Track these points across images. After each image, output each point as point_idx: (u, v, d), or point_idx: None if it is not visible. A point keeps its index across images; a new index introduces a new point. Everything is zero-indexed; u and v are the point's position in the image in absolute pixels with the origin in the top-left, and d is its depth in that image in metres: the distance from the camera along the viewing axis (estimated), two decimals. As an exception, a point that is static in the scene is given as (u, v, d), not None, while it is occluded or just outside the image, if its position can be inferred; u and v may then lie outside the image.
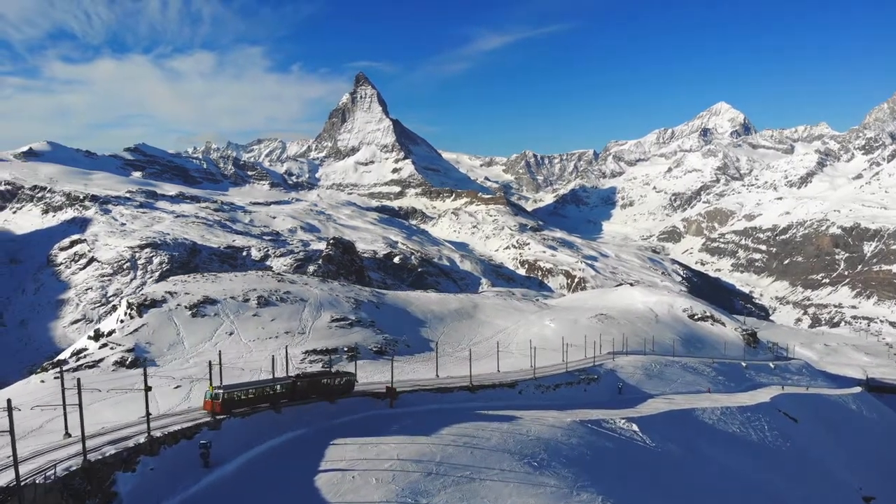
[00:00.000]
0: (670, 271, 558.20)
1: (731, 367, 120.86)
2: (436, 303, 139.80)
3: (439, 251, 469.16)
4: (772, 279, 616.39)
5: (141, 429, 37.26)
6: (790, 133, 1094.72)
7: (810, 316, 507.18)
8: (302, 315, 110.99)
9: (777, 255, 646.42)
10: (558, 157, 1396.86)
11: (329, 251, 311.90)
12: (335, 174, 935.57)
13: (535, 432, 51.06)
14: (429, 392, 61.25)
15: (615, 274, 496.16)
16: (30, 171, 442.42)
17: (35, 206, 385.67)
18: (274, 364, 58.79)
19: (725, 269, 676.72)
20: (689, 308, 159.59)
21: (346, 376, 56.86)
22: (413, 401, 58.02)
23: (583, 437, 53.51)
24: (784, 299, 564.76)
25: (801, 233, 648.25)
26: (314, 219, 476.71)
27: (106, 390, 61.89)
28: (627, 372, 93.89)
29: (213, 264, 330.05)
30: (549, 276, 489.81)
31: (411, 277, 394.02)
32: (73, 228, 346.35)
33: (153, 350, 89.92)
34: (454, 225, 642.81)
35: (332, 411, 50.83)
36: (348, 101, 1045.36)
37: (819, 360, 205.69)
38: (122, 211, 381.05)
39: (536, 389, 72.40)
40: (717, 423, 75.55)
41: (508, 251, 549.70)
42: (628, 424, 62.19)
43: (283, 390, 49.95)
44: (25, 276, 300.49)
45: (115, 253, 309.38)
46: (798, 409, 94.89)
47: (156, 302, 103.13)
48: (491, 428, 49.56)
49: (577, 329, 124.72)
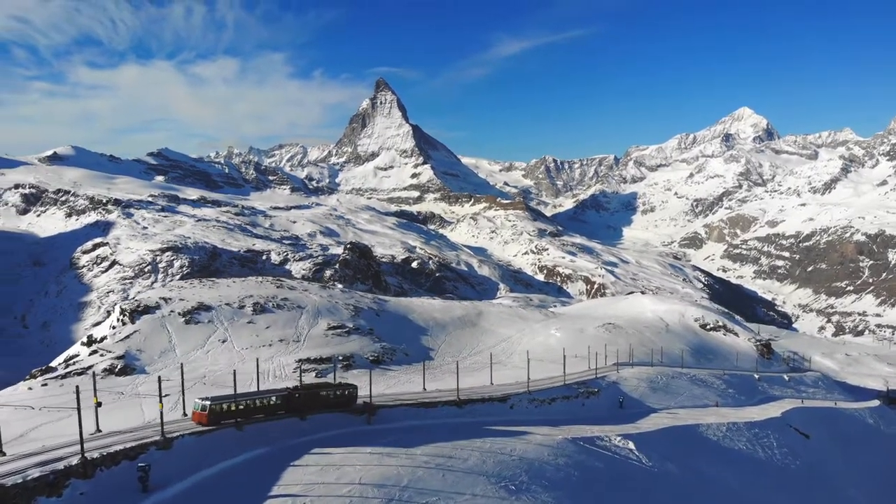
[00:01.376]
0: (691, 278, 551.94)
1: (742, 380, 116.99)
2: (439, 310, 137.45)
3: (457, 256, 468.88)
4: (795, 286, 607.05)
5: (93, 445, 35.79)
6: (814, 138, 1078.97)
7: (834, 324, 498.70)
8: (298, 322, 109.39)
9: (800, 262, 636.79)
10: (578, 162, 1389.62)
11: (346, 255, 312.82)
12: (355, 179, 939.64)
13: (520, 451, 48.80)
14: (411, 407, 58.71)
15: (635, 280, 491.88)
16: (54, 174, 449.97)
17: (59, 209, 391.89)
18: (258, 373, 57.50)
19: (748, 276, 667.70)
20: (701, 317, 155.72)
21: (347, 388, 55.43)
22: (394, 416, 55.54)
23: (571, 457, 51.12)
24: (807, 307, 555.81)
25: (825, 240, 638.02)
26: (333, 223, 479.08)
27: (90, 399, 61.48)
28: (631, 384, 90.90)
29: (233, 268, 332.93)
30: (567, 282, 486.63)
31: (429, 282, 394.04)
32: (96, 232, 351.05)
33: (144, 357, 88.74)
34: (472, 230, 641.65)
35: (302, 428, 48.35)
36: (368, 106, 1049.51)
37: (840, 370, 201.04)
38: (144, 215, 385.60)
39: (530, 404, 69.46)
40: (723, 439, 72.78)
41: (527, 256, 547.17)
42: (624, 442, 59.58)
43: (278, 402, 48.63)
44: (48, 279, 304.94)
45: (137, 256, 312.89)
46: (811, 425, 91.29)
47: (149, 308, 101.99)
48: (471, 447, 47.30)
49: (582, 338, 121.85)
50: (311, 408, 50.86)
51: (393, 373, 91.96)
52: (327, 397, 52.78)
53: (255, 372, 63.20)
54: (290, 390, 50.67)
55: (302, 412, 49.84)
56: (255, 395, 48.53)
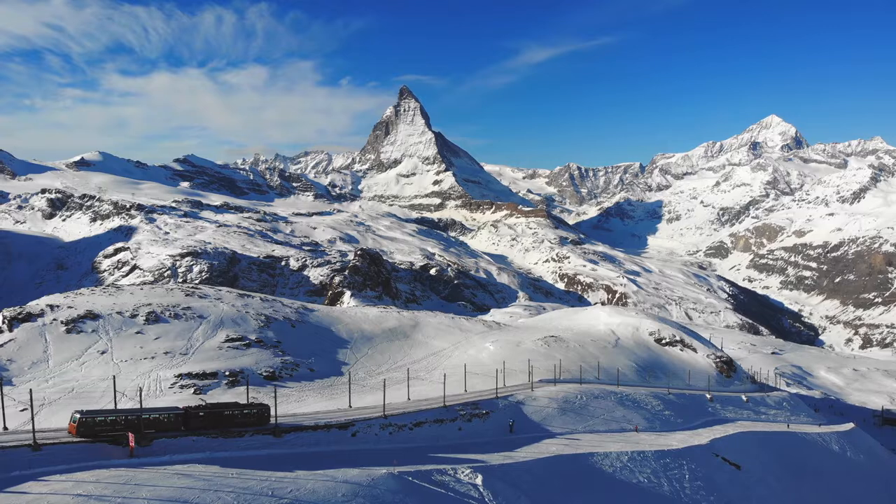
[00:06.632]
0: (716, 288, 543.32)
1: (690, 400, 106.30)
2: (369, 321, 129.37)
3: (476, 263, 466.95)
4: (822, 297, 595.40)
5: None
6: (843, 147, 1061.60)
7: (861, 336, 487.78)
8: (193, 334, 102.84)
9: (828, 272, 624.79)
10: (603, 170, 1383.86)
11: (356, 262, 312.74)
12: (377, 186, 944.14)
13: (305, 492, 39.19)
14: (216, 437, 48.92)
15: (658, 290, 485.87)
16: (81, 180, 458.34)
17: (84, 214, 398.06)
18: (115, 389, 53.31)
19: (774, 286, 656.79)
20: (657, 331, 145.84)
21: (256, 407, 53.13)
22: (180, 447, 45.99)
23: (380, 497, 41.72)
24: (834, 318, 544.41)
25: (854, 250, 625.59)
26: (353, 230, 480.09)
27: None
28: (539, 405, 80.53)
29: (253, 273, 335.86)
30: (588, 291, 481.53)
31: (447, 290, 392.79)
32: (119, 236, 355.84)
33: (13, 368, 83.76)
34: (493, 237, 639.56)
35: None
36: (392, 114, 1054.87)
37: (845, 385, 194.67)
38: (166, 220, 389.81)
39: (382, 430, 59.86)
40: (620, 471, 62.74)
41: (547, 264, 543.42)
42: (472, 476, 50.16)
43: (168, 419, 46.98)
44: (71, 282, 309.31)
45: (157, 261, 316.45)
46: (748, 453, 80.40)
47: (31, 315, 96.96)
48: (227, 487, 37.60)
49: (518, 352, 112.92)
50: (214, 427, 49.20)
51: (287, 390, 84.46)
52: (233, 416, 50.67)
53: (131, 385, 58.89)
54: (191, 408, 49.30)
55: (203, 430, 48.19)
56: (143, 411, 47.06)
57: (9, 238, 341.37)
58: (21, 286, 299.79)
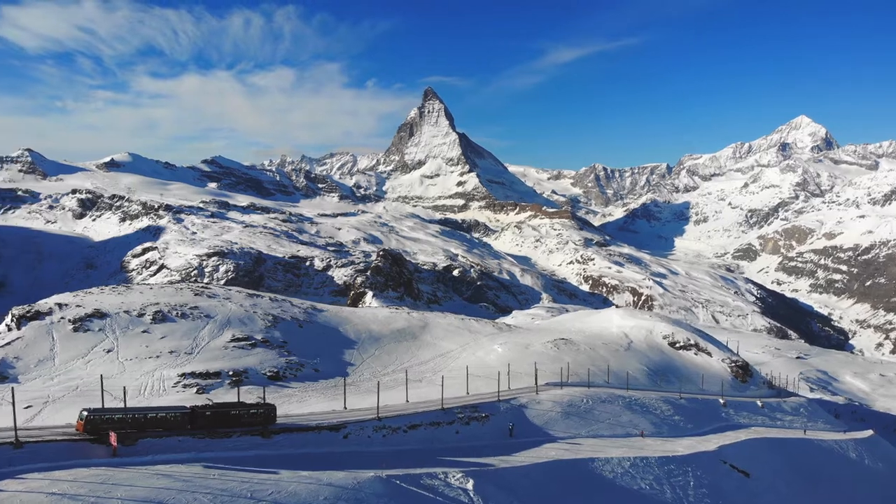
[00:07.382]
0: (743, 291, 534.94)
1: (702, 405, 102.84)
2: (378, 321, 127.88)
3: (499, 265, 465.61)
4: (852, 301, 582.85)
5: None
6: (874, 148, 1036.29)
7: (892, 341, 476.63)
8: (200, 333, 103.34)
9: (858, 275, 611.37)
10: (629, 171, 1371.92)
11: (378, 262, 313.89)
12: (401, 187, 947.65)
13: (286, 494, 38.21)
14: (201, 438, 48.13)
15: (684, 292, 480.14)
16: (111, 180, 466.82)
17: (113, 214, 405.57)
18: (103, 389, 53.51)
19: (803, 289, 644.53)
20: (671, 335, 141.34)
21: (263, 407, 53.15)
22: (165, 447, 45.14)
23: (364, 501, 40.52)
24: (865, 322, 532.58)
25: (885, 253, 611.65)
26: (377, 230, 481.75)
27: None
28: (542, 408, 78.12)
29: (278, 273, 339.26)
30: (613, 293, 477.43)
31: (470, 291, 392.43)
32: (147, 236, 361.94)
33: (20, 366, 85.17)
34: (517, 238, 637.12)
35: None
36: (416, 115, 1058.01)
37: (871, 391, 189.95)
38: (193, 220, 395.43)
39: (376, 432, 58.32)
40: (621, 477, 60.91)
41: (572, 266, 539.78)
42: (463, 481, 48.59)
43: (175, 418, 47.40)
44: (99, 282, 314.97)
45: (184, 261, 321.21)
46: (761, 460, 78.07)
47: (40, 314, 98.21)
48: (204, 487, 36.90)
49: (526, 355, 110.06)
50: (221, 426, 49.54)
51: (290, 390, 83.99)
52: (239, 416, 50.93)
53: (130, 384, 59.08)
54: (198, 407, 49.51)
55: (210, 429, 48.54)
56: (151, 409, 47.65)
57: (40, 238, 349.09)
58: (51, 285, 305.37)
